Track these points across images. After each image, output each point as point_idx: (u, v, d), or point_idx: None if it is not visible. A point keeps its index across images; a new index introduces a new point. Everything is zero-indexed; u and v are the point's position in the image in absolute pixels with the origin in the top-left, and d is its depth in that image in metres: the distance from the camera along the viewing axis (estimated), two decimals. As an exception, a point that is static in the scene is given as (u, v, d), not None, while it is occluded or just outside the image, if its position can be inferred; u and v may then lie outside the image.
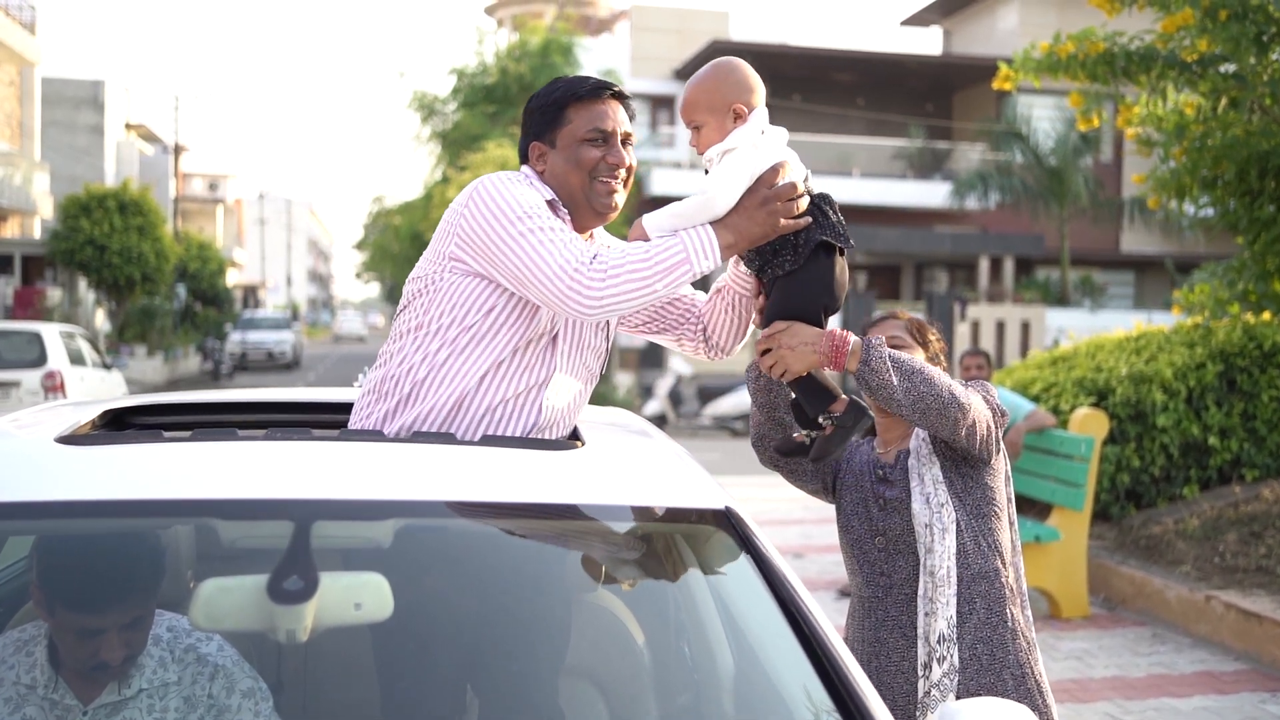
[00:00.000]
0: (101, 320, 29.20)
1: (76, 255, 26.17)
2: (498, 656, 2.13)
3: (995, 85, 8.25)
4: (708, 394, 18.95)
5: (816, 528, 9.53)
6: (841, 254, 2.28)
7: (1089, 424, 6.74)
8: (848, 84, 31.54)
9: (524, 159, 2.40)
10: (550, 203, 2.28)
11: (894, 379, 2.36)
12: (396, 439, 2.15)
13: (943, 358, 2.75)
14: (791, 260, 2.22)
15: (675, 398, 19.02)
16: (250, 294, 60.59)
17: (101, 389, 15.13)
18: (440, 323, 2.26)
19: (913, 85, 31.99)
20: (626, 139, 2.35)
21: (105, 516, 1.87)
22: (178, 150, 39.66)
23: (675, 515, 2.05)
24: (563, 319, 2.31)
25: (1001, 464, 2.64)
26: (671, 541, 2.15)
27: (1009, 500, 2.64)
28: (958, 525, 2.54)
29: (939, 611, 2.49)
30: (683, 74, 30.47)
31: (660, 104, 30.61)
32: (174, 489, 1.90)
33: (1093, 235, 28.82)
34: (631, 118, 2.38)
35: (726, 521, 2.00)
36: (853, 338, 2.33)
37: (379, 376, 2.35)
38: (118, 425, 2.55)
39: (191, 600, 1.87)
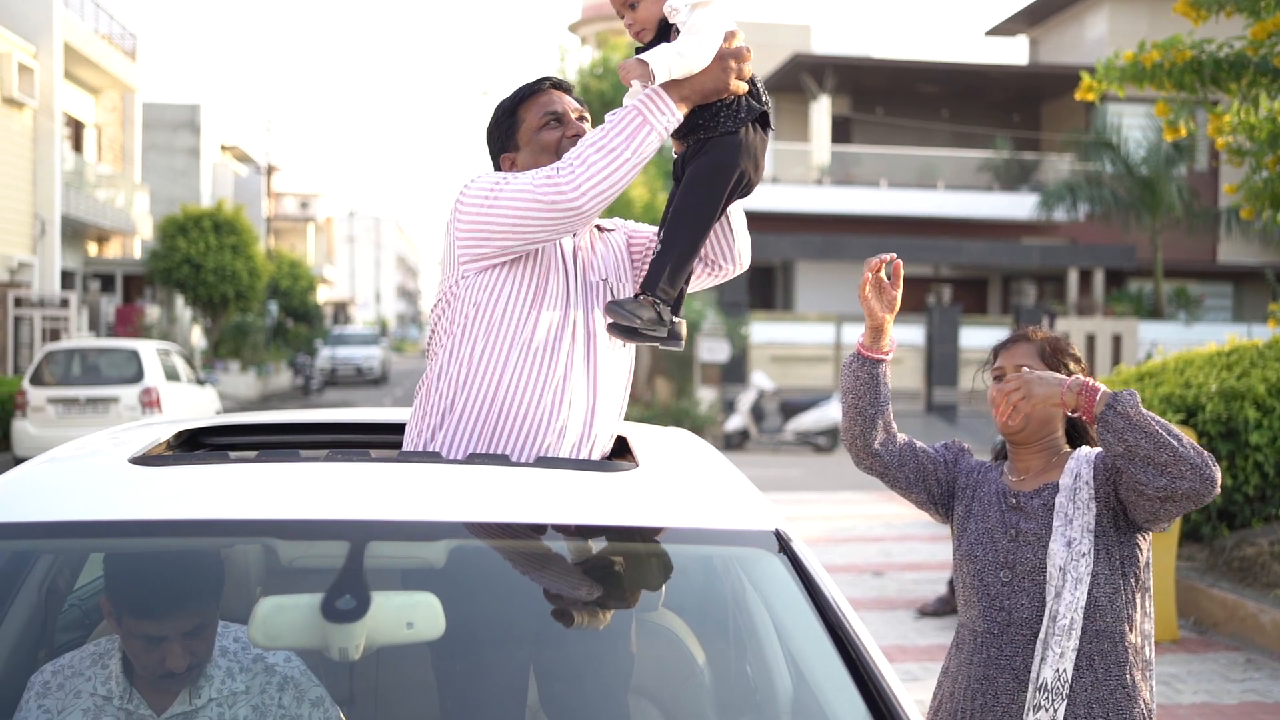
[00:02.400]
0: (197, 337, 30.04)
1: (174, 274, 26.99)
2: (552, 676, 2.15)
3: (1078, 96, 8.10)
4: (790, 409, 18.83)
5: (897, 545, 9.42)
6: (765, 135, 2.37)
7: (1176, 442, 6.57)
8: (932, 96, 31.20)
9: None
10: None
11: (1150, 427, 2.29)
12: (452, 460, 2.20)
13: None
14: (730, 123, 2.30)
15: (757, 413, 18.92)
16: (340, 310, 61.85)
17: (195, 404, 15.57)
18: (465, 326, 2.36)
19: (998, 96, 31.54)
20: (582, 116, 2.48)
21: (170, 535, 1.94)
22: (270, 170, 40.70)
23: (726, 537, 2.05)
24: (573, 299, 2.37)
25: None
26: (724, 563, 2.15)
27: (1147, 565, 2.52)
28: (1094, 578, 2.42)
29: (1050, 660, 2.38)
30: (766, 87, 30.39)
31: (742, 119, 30.60)
32: (235, 509, 1.96)
33: (1188, 246, 28.08)
34: (582, 104, 2.52)
35: (777, 543, 2.00)
36: (1102, 386, 2.35)
37: (423, 395, 2.43)
38: (192, 445, 2.64)
39: (250, 618, 1.93)
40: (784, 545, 1.99)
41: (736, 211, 2.49)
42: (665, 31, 2.32)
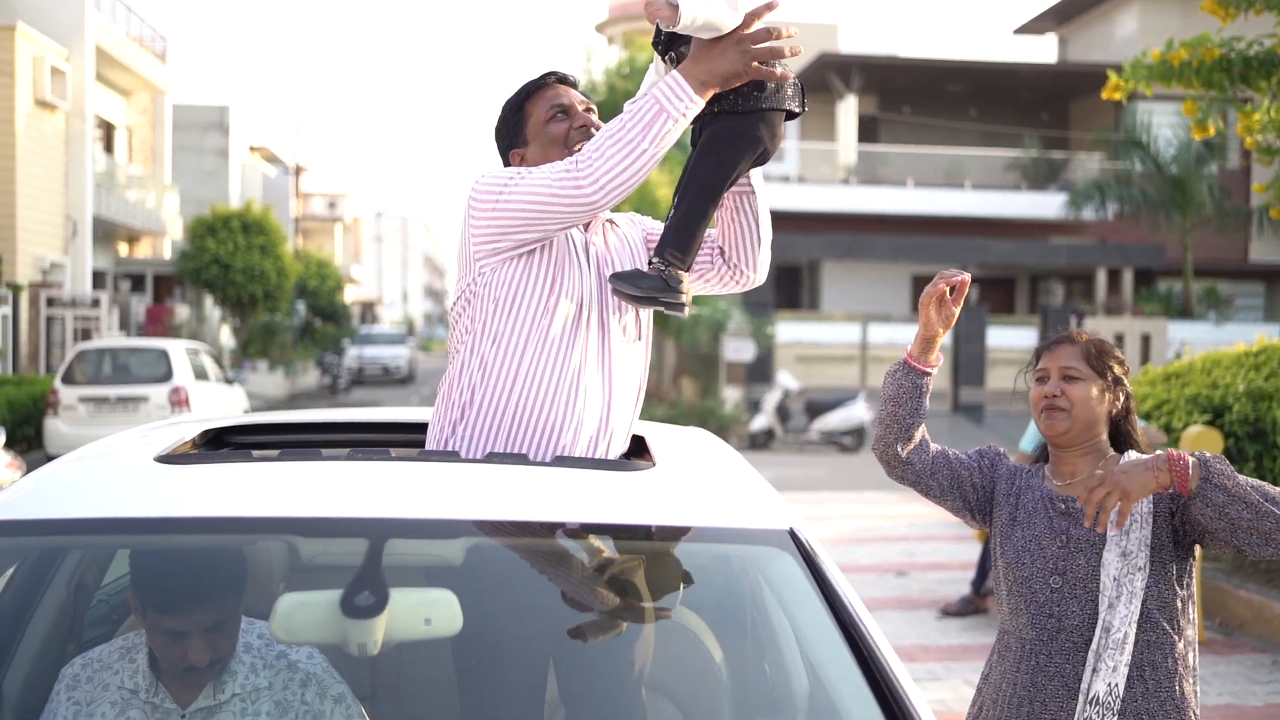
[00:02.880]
0: (226, 336, 30.28)
1: (203, 274, 27.21)
2: (571, 672, 2.18)
3: (1104, 95, 8.04)
4: (815, 409, 18.79)
5: (921, 545, 9.40)
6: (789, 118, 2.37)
7: (1201, 442, 6.53)
8: (959, 95, 31.06)
9: None
10: None
11: (1249, 495, 2.25)
12: (471, 459, 2.23)
13: (1126, 381, 2.58)
14: (745, 103, 2.31)
15: (782, 412, 18.90)
16: (367, 310, 62.12)
17: (224, 403, 15.71)
18: (484, 321, 2.39)
19: (1027, 95, 31.36)
20: (588, 108, 2.50)
21: (193, 532, 1.98)
22: (298, 171, 40.95)
23: (741, 536, 2.07)
24: (588, 292, 2.40)
25: None
26: (740, 562, 2.17)
27: (1193, 575, 2.50)
28: (1147, 590, 2.39)
29: (1102, 674, 2.35)
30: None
31: (768, 118, 30.48)
32: (257, 507, 2.00)
33: (1218, 245, 27.84)
34: (585, 95, 2.54)
35: (790, 542, 2.02)
36: (1190, 456, 2.30)
37: (445, 391, 2.47)
38: (217, 444, 2.68)
39: (271, 614, 1.96)
40: (798, 544, 2.01)
41: (765, 222, 2.50)
42: None
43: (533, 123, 2.49)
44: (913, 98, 31.06)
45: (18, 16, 20.76)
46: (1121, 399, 2.57)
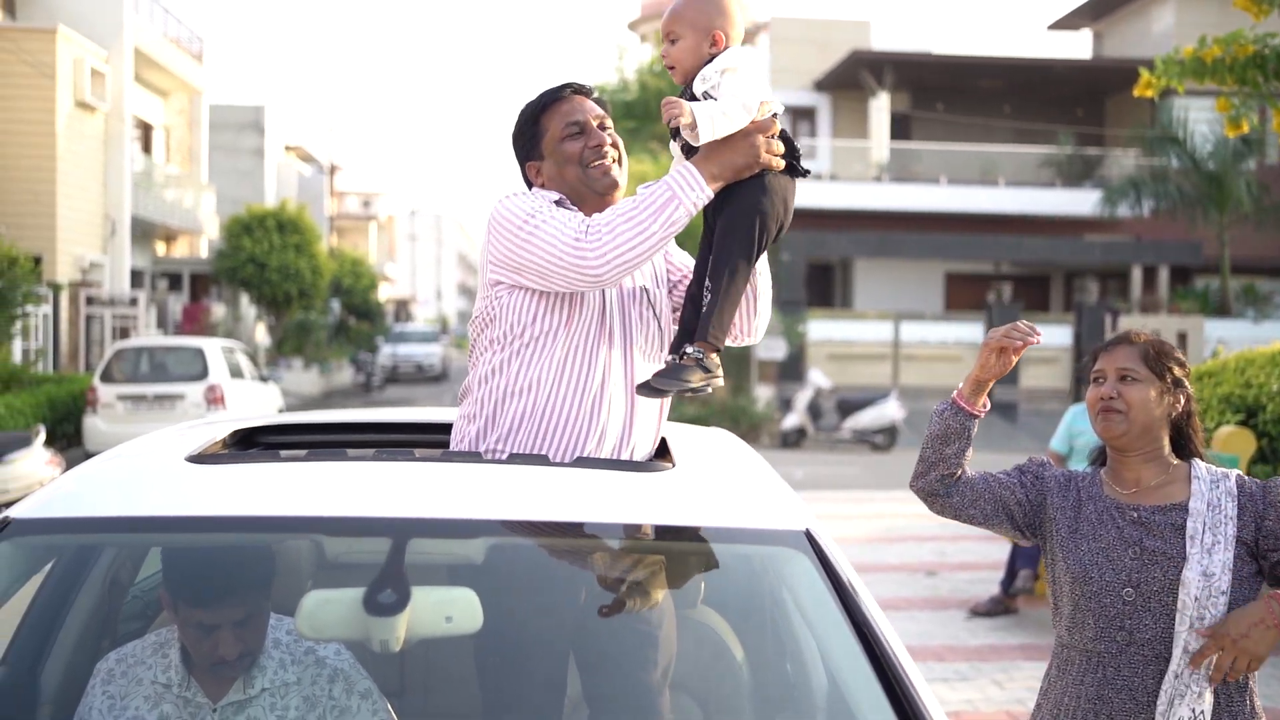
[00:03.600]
0: (261, 334, 30.56)
1: (239, 272, 27.47)
2: (594, 670, 2.22)
3: (1136, 93, 7.99)
4: (847, 407, 18.75)
5: (951, 545, 9.38)
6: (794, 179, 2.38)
7: (1234, 442, 6.48)
8: (993, 91, 30.85)
9: (528, 185, 2.56)
10: (558, 202, 2.43)
11: None
12: (493, 460, 2.27)
13: (1187, 383, 2.51)
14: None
15: (814, 411, 18.88)
16: (401, 308, 62.42)
17: (259, 401, 15.87)
18: (505, 340, 2.42)
19: (1061, 91, 31.10)
20: (603, 124, 2.51)
21: (222, 531, 2.04)
22: (332, 170, 41.25)
23: (758, 536, 2.10)
24: (609, 306, 2.43)
25: None
26: (760, 562, 2.20)
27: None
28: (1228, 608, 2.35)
29: (1187, 699, 2.31)
30: (823, 85, 30.24)
31: (801, 115, 30.43)
32: (285, 506, 2.05)
33: (1257, 242, 27.50)
34: (604, 106, 2.54)
35: (806, 543, 2.04)
36: None
37: (466, 402, 2.50)
38: (247, 444, 2.74)
39: (297, 610, 2.01)
40: (814, 545, 2.04)
41: (765, 296, 2.53)
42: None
43: (548, 138, 2.50)
44: (946, 94, 30.88)
45: (58, 19, 21.04)
46: (1182, 401, 2.50)
